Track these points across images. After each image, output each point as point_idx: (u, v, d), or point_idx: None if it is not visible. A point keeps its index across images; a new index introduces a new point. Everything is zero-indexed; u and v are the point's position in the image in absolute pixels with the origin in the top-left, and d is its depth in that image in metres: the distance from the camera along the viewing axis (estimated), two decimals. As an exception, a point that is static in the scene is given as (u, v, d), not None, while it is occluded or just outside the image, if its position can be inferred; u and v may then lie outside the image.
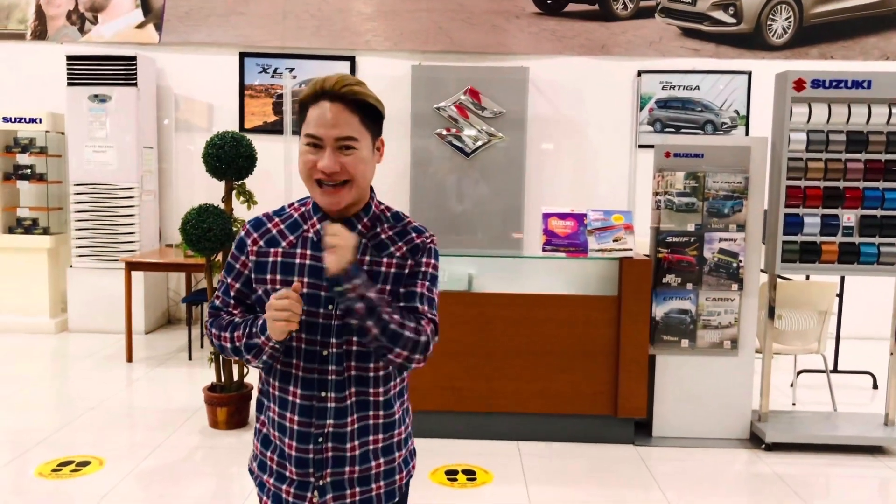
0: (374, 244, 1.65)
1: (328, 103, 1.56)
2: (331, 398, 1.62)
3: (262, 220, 1.70)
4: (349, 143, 1.56)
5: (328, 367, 1.62)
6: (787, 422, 4.38)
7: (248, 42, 7.08)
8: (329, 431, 1.63)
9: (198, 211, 4.23)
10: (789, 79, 4.11)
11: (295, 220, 1.68)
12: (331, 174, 1.56)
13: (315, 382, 1.62)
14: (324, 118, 1.55)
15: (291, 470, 1.65)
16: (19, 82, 7.09)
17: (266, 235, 1.67)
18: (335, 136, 1.55)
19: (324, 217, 1.65)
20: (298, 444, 1.63)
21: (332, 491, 1.65)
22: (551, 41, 7.03)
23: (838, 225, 4.17)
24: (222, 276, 1.74)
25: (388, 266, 1.64)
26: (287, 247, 1.64)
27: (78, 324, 6.71)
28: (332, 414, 1.63)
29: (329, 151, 1.55)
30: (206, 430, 4.35)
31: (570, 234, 4.23)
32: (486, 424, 4.26)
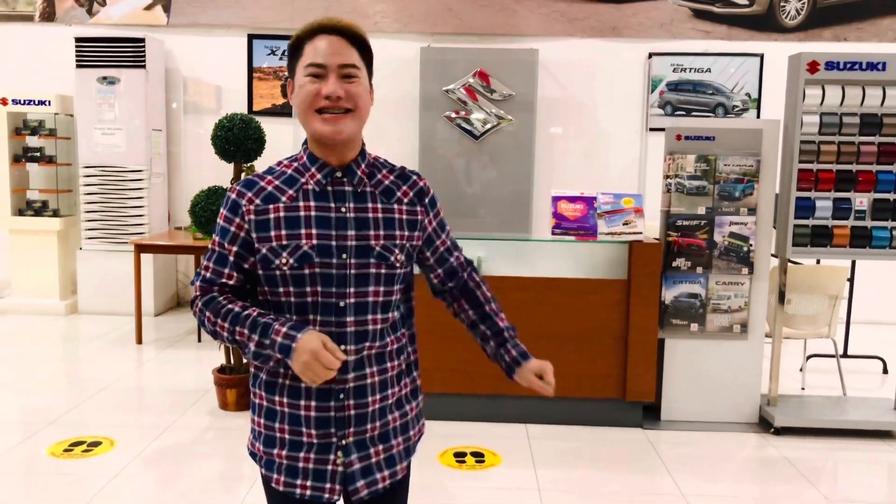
0: (380, 190, 1.65)
1: (328, 36, 1.56)
2: (350, 351, 1.59)
3: (254, 180, 1.63)
4: (352, 72, 1.57)
5: (346, 318, 1.58)
6: (797, 406, 4.37)
7: (257, 24, 7.05)
8: (350, 387, 1.60)
9: (207, 193, 4.24)
10: (803, 60, 4.06)
11: (290, 176, 1.62)
12: (336, 99, 1.54)
13: (333, 336, 1.56)
14: (327, 48, 1.55)
15: (310, 433, 1.60)
16: (28, 64, 7.09)
17: (261, 193, 1.59)
18: (339, 63, 1.55)
19: (322, 167, 1.61)
20: (319, 402, 1.59)
21: (356, 451, 1.62)
22: (561, 23, 6.97)
23: (850, 209, 4.14)
24: (212, 245, 1.64)
25: (399, 213, 1.65)
26: (288, 201, 1.58)
27: (88, 306, 6.75)
28: (353, 367, 1.59)
29: (333, 78, 1.55)
30: (216, 411, 4.38)
31: (579, 217, 4.21)
32: (495, 407, 4.26)
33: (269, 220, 1.58)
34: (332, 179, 1.61)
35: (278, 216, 1.58)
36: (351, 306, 1.59)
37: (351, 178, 1.62)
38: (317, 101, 1.55)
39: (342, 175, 1.62)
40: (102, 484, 3.39)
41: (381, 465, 1.65)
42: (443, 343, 3.77)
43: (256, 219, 1.58)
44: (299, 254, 1.55)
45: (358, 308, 1.59)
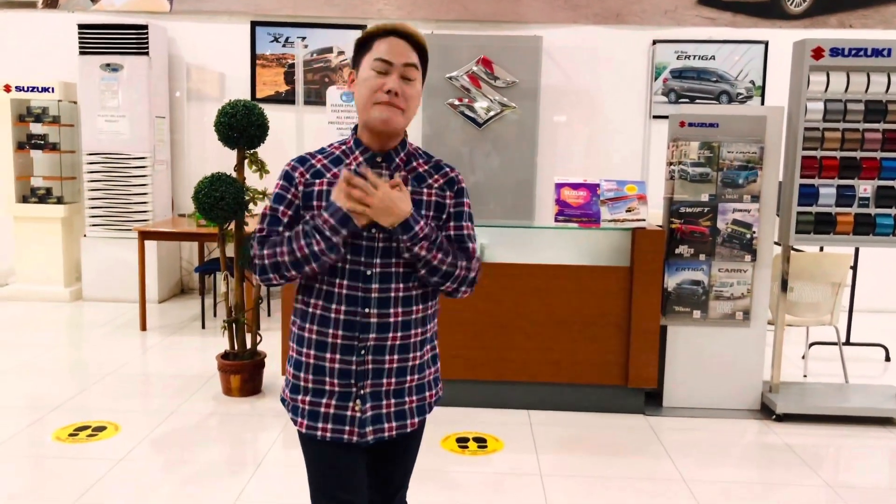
0: (413, 176, 1.86)
1: (397, 38, 1.79)
2: (373, 314, 1.79)
3: (306, 157, 1.88)
4: (411, 73, 1.79)
5: (371, 285, 1.79)
6: (798, 393, 4.38)
7: (260, 10, 7.03)
8: (371, 345, 1.80)
9: (210, 180, 4.24)
10: (807, 47, 4.04)
11: (337, 157, 1.86)
12: (394, 95, 1.75)
13: (359, 300, 1.78)
14: (396, 47, 1.77)
15: (333, 382, 1.82)
16: (31, 51, 7.08)
17: (311, 169, 1.84)
18: (404, 62, 1.78)
19: (365, 150, 1.84)
20: (342, 356, 1.80)
21: (371, 400, 1.83)
22: (565, 10, 6.94)
23: (854, 196, 4.14)
24: (267, 210, 1.85)
25: (428, 196, 1.85)
26: (332, 178, 1.82)
27: (92, 292, 6.77)
28: (375, 329, 1.79)
29: (395, 75, 1.77)
30: (220, 396, 4.40)
31: (582, 204, 4.21)
32: (498, 393, 4.28)
33: (313, 192, 1.82)
34: (372, 163, 1.83)
35: (321, 189, 1.82)
36: (377, 275, 1.79)
37: (389, 164, 1.85)
38: (378, 95, 1.77)
39: (382, 160, 1.84)
40: (107, 468, 3.42)
41: (390, 416, 1.86)
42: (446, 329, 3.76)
43: (305, 190, 1.82)
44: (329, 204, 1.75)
45: (383, 277, 1.80)
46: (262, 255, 1.79)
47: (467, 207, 1.92)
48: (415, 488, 2.26)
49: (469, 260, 1.87)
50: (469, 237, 1.91)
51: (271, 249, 1.78)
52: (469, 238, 1.91)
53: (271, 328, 5.60)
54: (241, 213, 4.36)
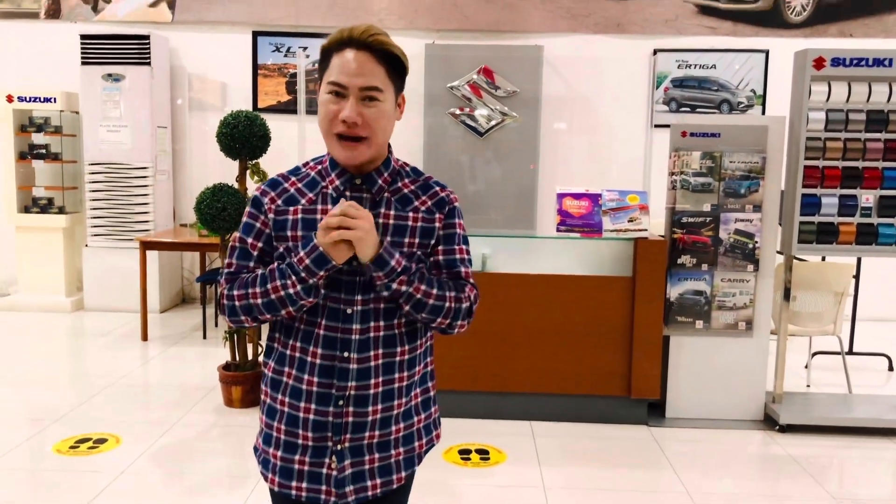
0: (397, 198, 1.63)
1: (354, 51, 1.53)
2: (353, 359, 1.58)
3: (277, 180, 1.66)
4: (373, 94, 1.53)
5: (352, 325, 1.58)
6: (802, 403, 4.36)
7: (262, 21, 7.05)
8: (351, 394, 1.58)
9: (212, 190, 4.24)
10: (809, 57, 4.04)
11: (312, 178, 1.65)
12: (352, 125, 1.52)
13: (337, 342, 1.58)
14: (349, 66, 1.52)
15: (306, 436, 1.60)
16: (33, 62, 7.10)
17: (284, 194, 1.63)
18: (360, 86, 1.52)
19: (342, 173, 1.62)
20: (317, 405, 1.59)
21: (350, 457, 1.61)
22: (566, 19, 6.95)
23: (856, 205, 4.13)
24: (235, 241, 1.66)
25: (414, 220, 1.62)
26: (307, 204, 1.61)
27: (93, 302, 6.77)
28: (355, 375, 1.58)
29: (352, 101, 1.52)
30: (221, 408, 4.39)
31: (584, 214, 4.21)
32: (500, 404, 4.27)
33: (287, 220, 1.61)
34: (352, 185, 1.62)
35: (296, 217, 1.60)
36: (357, 314, 1.59)
37: (370, 186, 1.62)
38: (335, 125, 1.54)
39: (361, 182, 1.62)
40: (108, 481, 3.41)
41: (374, 473, 1.64)
42: (447, 340, 3.78)
43: (276, 218, 1.62)
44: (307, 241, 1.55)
45: (364, 316, 1.59)
46: (231, 296, 1.60)
47: (460, 229, 1.69)
48: (416, 501, 2.25)
49: (461, 289, 1.65)
50: (462, 261, 1.68)
51: (242, 290, 1.58)
52: (462, 262, 1.68)
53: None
54: (243, 223, 4.35)
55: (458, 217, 1.70)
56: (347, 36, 1.54)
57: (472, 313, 1.68)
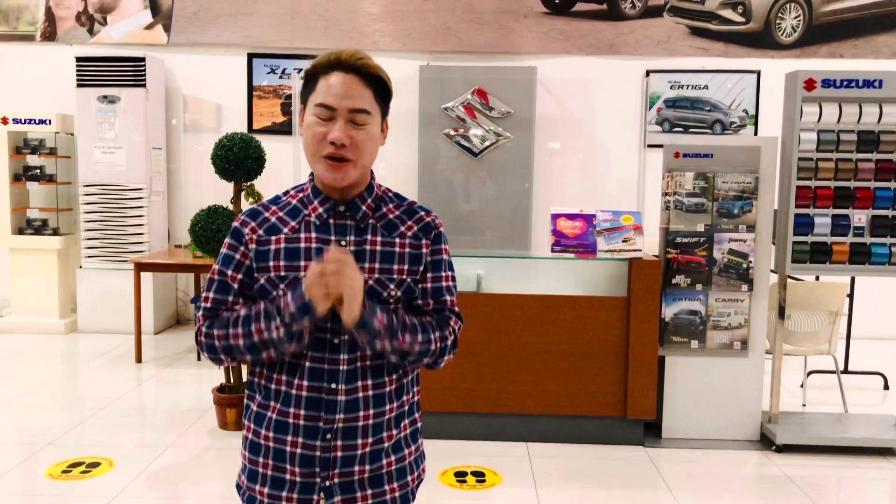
0: (382, 224, 1.61)
1: (343, 74, 1.52)
2: (341, 390, 1.54)
3: (258, 210, 1.62)
4: (362, 117, 1.53)
5: (339, 356, 1.54)
6: (798, 423, 4.36)
7: (257, 42, 7.09)
8: (339, 427, 1.54)
9: (207, 212, 4.24)
10: (799, 78, 4.08)
11: (294, 207, 1.61)
12: (340, 146, 1.51)
13: (325, 373, 1.54)
14: (338, 88, 1.51)
15: (294, 471, 1.55)
16: (29, 84, 7.12)
17: (265, 224, 1.59)
18: (349, 107, 1.52)
19: (325, 200, 1.59)
20: (305, 439, 1.54)
21: (340, 493, 1.56)
22: (559, 41, 7.01)
23: (849, 225, 4.15)
24: (213, 274, 1.61)
25: (401, 246, 1.60)
26: (290, 232, 1.57)
27: (87, 324, 6.74)
28: (343, 407, 1.54)
29: (341, 123, 1.51)
30: (216, 430, 4.36)
31: (578, 234, 4.22)
32: (496, 426, 4.25)
33: (269, 250, 1.57)
34: (335, 213, 1.59)
35: (279, 247, 1.57)
36: (345, 343, 1.55)
37: (354, 213, 1.60)
38: (323, 147, 1.53)
39: (345, 209, 1.60)
40: (101, 505, 3.38)
41: None
42: (443, 361, 3.76)
43: (258, 248, 1.58)
44: (296, 285, 1.51)
45: (351, 346, 1.55)
46: (211, 335, 1.55)
47: (446, 255, 1.67)
48: (413, 527, 2.23)
49: (444, 325, 1.62)
50: (448, 289, 1.66)
51: (223, 330, 1.54)
52: (448, 290, 1.66)
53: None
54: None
55: (444, 242, 1.68)
56: (335, 59, 1.54)
57: (456, 345, 1.66)
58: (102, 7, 7.15)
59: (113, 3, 7.15)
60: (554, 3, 7.01)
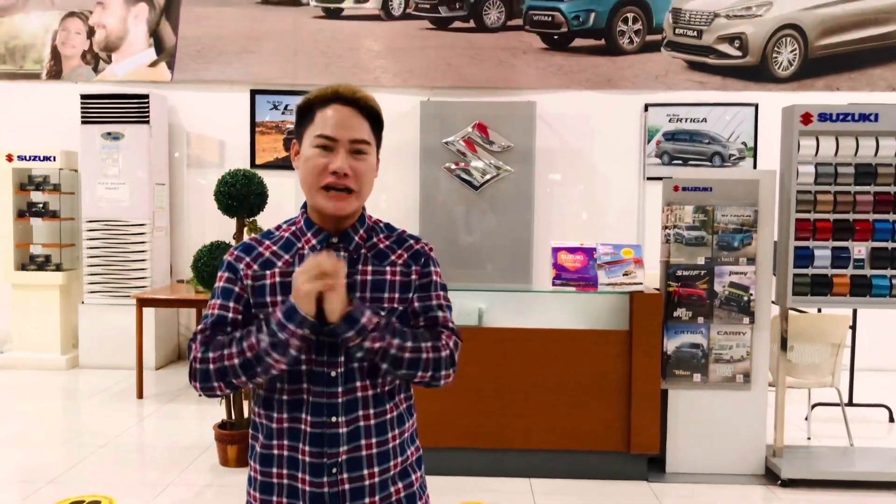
0: (373, 254, 1.62)
1: (342, 106, 1.56)
2: (341, 423, 1.54)
3: (251, 245, 1.63)
4: (362, 147, 1.57)
5: (337, 388, 1.55)
6: (803, 457, 4.33)
7: (260, 79, 7.18)
8: (343, 460, 1.54)
9: (209, 248, 4.27)
10: (796, 112, 4.13)
11: (287, 240, 1.63)
12: (343, 176, 1.53)
13: (324, 407, 1.54)
14: (339, 120, 1.55)
15: None
16: (34, 121, 7.19)
17: (259, 259, 1.60)
18: (350, 138, 1.55)
19: (318, 232, 1.61)
20: (312, 477, 1.54)
21: None
22: (558, 76, 7.09)
23: (849, 257, 4.16)
24: (212, 308, 1.60)
25: (392, 275, 1.61)
26: (284, 266, 1.58)
27: (89, 360, 6.72)
28: (345, 440, 1.54)
29: (343, 153, 1.54)
30: (217, 467, 4.34)
31: (579, 268, 4.23)
32: (498, 461, 4.22)
33: (265, 285, 1.58)
34: (328, 245, 1.60)
35: (274, 282, 1.58)
36: (341, 375, 1.55)
37: (347, 244, 1.62)
38: (324, 177, 1.55)
39: (338, 241, 1.61)
40: (101, 545, 3.35)
41: None
42: (445, 396, 3.75)
43: (254, 284, 1.59)
44: None
45: (347, 377, 1.56)
46: (206, 359, 1.53)
47: (437, 277, 1.67)
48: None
49: (437, 338, 1.60)
50: (440, 307, 1.65)
51: (217, 352, 1.53)
52: (440, 308, 1.65)
53: (269, 395, 5.54)
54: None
55: (434, 266, 1.68)
56: (332, 92, 1.58)
57: (454, 362, 1.63)
58: (107, 45, 7.25)
59: (118, 41, 7.25)
60: (552, 39, 7.11)
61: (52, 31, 7.25)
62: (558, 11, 7.07)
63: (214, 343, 1.55)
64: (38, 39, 7.26)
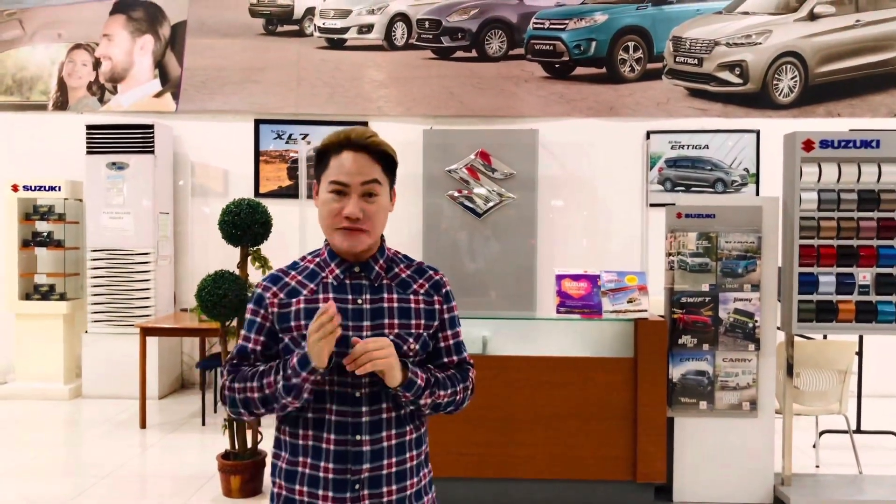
0: (396, 283, 1.74)
1: (353, 153, 1.66)
2: (365, 441, 1.64)
3: (278, 276, 1.76)
4: (373, 189, 1.67)
5: (361, 408, 1.65)
6: (812, 486, 4.28)
7: (263, 109, 7.24)
8: (365, 477, 1.64)
9: (213, 277, 4.27)
10: (798, 139, 4.14)
11: (312, 270, 1.75)
12: (355, 220, 1.65)
13: (349, 426, 1.64)
14: (350, 166, 1.65)
15: None
16: (40, 151, 7.25)
17: (285, 288, 1.72)
18: (361, 181, 1.66)
19: (341, 262, 1.72)
20: (335, 493, 1.63)
21: None
22: (560, 104, 7.14)
23: (854, 283, 4.16)
24: (240, 339, 1.76)
25: (415, 303, 1.74)
26: (308, 294, 1.70)
27: (92, 389, 6.70)
28: (368, 458, 1.64)
29: (355, 198, 1.65)
30: (220, 498, 4.30)
31: (584, 295, 4.22)
32: (503, 491, 4.18)
33: (290, 312, 1.70)
34: (351, 273, 1.72)
35: (299, 308, 1.69)
36: (366, 396, 1.66)
37: (368, 273, 1.73)
38: (338, 221, 1.67)
39: (360, 270, 1.73)
40: (103, 578, 3.31)
41: None
42: (450, 425, 3.73)
43: (279, 311, 1.70)
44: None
45: (373, 398, 1.66)
46: (232, 388, 1.70)
47: (456, 311, 1.83)
48: None
49: (465, 377, 1.80)
50: (463, 344, 1.83)
51: (241, 384, 1.68)
52: (463, 345, 1.83)
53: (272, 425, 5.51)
54: (244, 310, 4.36)
55: (454, 300, 1.83)
56: (345, 138, 1.68)
57: (474, 390, 1.83)
58: (113, 77, 7.33)
59: (123, 72, 7.33)
60: (554, 68, 7.17)
61: (59, 63, 7.33)
62: (559, 40, 7.14)
63: (241, 374, 1.70)
64: (45, 71, 7.35)
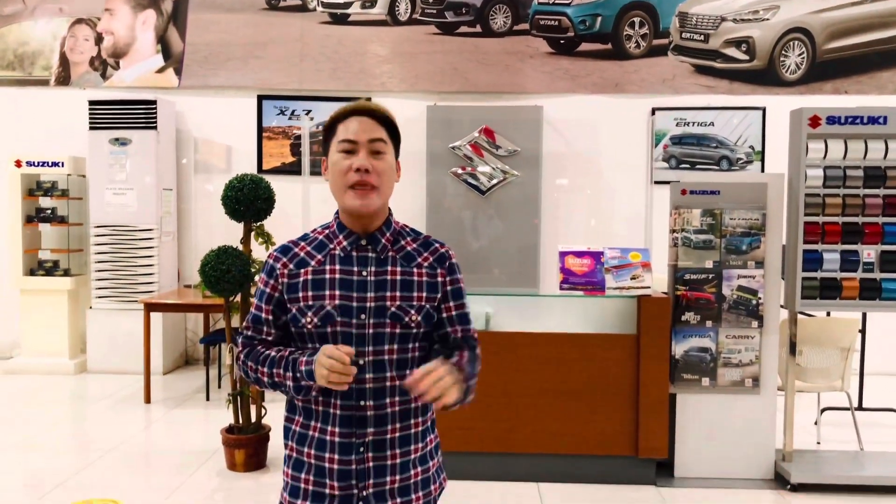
0: (402, 256, 1.79)
1: (359, 117, 1.76)
2: (369, 406, 1.71)
3: (289, 246, 1.82)
4: (380, 147, 1.75)
5: (365, 375, 1.70)
6: (813, 462, 4.30)
7: (266, 85, 7.20)
8: (369, 440, 1.71)
9: (217, 253, 4.27)
10: (804, 115, 4.11)
11: (321, 241, 1.81)
12: (365, 172, 1.71)
13: (353, 392, 1.70)
14: (357, 126, 1.74)
15: (333, 485, 1.71)
16: (43, 127, 7.23)
17: (295, 259, 1.79)
18: (369, 138, 1.73)
19: (349, 234, 1.77)
20: (341, 455, 1.71)
21: (374, 502, 1.72)
22: (565, 80, 7.09)
23: (858, 261, 4.14)
24: (252, 308, 1.83)
25: (419, 276, 1.78)
26: (316, 265, 1.76)
27: (97, 365, 6.74)
28: (372, 422, 1.72)
29: (363, 152, 1.72)
30: (224, 472, 4.33)
31: (587, 272, 4.22)
32: (506, 466, 4.21)
33: (298, 282, 1.76)
34: (357, 246, 1.78)
35: (307, 279, 1.76)
36: (369, 364, 1.72)
37: (375, 245, 1.78)
38: (349, 177, 1.73)
39: (367, 242, 1.78)
40: (109, 549, 3.35)
41: None
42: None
43: (289, 282, 1.77)
44: (323, 313, 1.72)
45: (376, 366, 1.72)
46: (246, 364, 1.81)
47: (462, 284, 1.87)
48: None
49: (475, 348, 1.85)
50: (468, 315, 1.87)
51: (254, 364, 1.78)
52: (469, 317, 1.87)
53: (276, 399, 5.54)
54: (247, 285, 4.38)
55: (459, 272, 1.88)
56: (351, 108, 1.78)
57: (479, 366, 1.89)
58: (115, 52, 7.29)
59: (125, 47, 7.29)
60: (559, 44, 7.11)
61: (61, 38, 7.29)
62: (565, 16, 7.08)
63: (254, 353, 1.80)
64: (47, 46, 7.31)
